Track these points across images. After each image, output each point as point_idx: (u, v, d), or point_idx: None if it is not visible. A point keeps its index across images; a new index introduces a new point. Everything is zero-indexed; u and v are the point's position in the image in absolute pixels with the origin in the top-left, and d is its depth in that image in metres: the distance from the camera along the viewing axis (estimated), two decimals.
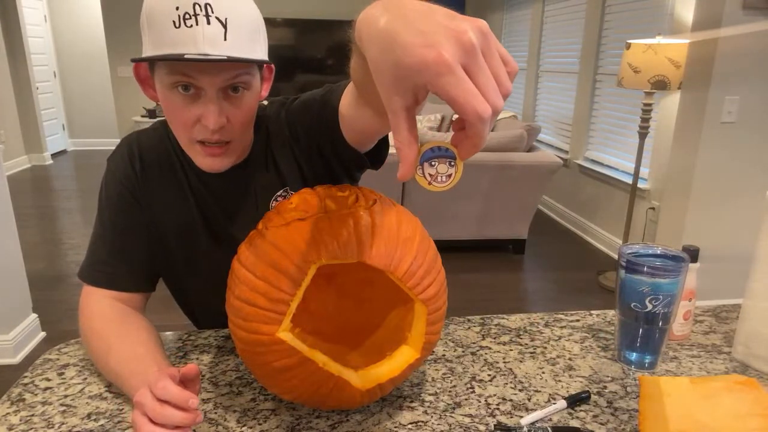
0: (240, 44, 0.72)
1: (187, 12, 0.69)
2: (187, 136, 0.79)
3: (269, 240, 0.66)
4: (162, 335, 0.94)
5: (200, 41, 0.69)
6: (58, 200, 4.99)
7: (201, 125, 0.76)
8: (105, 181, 0.91)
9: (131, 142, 0.91)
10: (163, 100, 0.78)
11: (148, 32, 0.73)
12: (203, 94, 0.75)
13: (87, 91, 7.33)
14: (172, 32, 0.70)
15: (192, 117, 0.76)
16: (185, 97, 0.75)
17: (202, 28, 0.69)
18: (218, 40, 0.70)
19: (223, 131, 0.78)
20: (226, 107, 0.76)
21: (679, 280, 0.79)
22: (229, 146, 0.80)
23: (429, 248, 0.71)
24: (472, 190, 3.44)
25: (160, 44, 0.71)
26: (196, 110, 0.76)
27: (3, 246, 2.28)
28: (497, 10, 5.90)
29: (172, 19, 0.69)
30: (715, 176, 2.55)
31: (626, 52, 2.80)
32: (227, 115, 0.77)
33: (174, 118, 0.78)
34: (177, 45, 0.70)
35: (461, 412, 0.73)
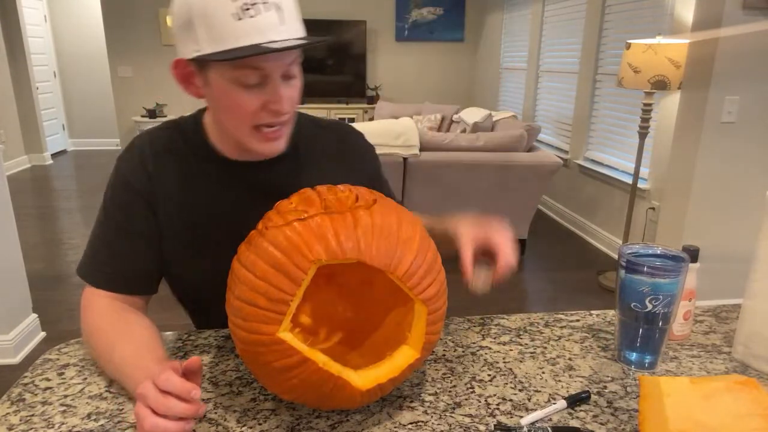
0: (293, 24, 0.75)
1: (246, 3, 0.70)
2: (249, 125, 0.80)
3: (269, 240, 0.66)
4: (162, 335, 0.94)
5: (264, 29, 0.71)
6: (58, 200, 4.99)
7: (267, 111, 0.79)
8: (112, 182, 0.89)
9: (143, 143, 0.90)
10: (220, 94, 0.78)
11: (203, 29, 0.72)
12: (268, 80, 0.77)
13: (87, 91, 7.33)
14: (233, 25, 0.71)
15: (257, 104, 0.78)
16: (249, 86, 0.76)
17: (264, 16, 0.71)
18: (278, 25, 0.72)
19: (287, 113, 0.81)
20: (287, 90, 0.79)
21: (679, 280, 0.79)
22: (284, 128, 0.84)
23: (429, 248, 0.71)
24: (472, 190, 3.44)
25: (222, 40, 0.72)
26: (261, 97, 0.78)
27: (3, 246, 2.28)
28: (497, 10, 5.91)
29: (231, 12, 0.70)
30: (715, 176, 2.55)
31: (626, 52, 2.80)
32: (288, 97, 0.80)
33: (236, 110, 0.79)
34: (242, 37, 0.71)
35: (461, 412, 0.73)
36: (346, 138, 1.01)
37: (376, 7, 6.31)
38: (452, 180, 3.39)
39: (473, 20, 6.49)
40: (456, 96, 6.71)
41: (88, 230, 4.12)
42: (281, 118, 0.80)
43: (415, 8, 6.35)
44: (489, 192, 3.47)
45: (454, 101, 6.62)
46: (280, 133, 0.83)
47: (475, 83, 6.68)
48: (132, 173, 0.87)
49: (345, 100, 6.36)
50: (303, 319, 0.78)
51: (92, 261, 0.89)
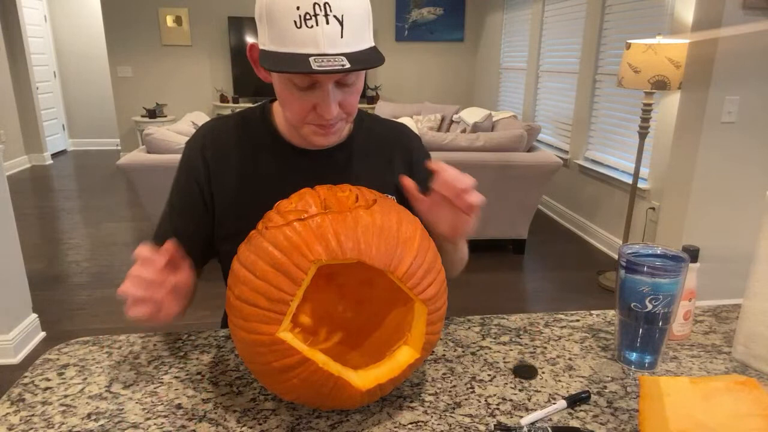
0: (354, 39, 0.75)
1: (308, 12, 0.71)
2: (301, 119, 0.84)
3: (269, 240, 0.66)
4: (162, 335, 0.94)
5: (321, 41, 0.72)
6: (58, 200, 4.99)
7: (316, 113, 0.81)
8: (179, 166, 0.97)
9: (206, 132, 0.96)
10: (278, 88, 0.83)
11: (267, 27, 0.75)
12: (319, 86, 0.79)
13: (87, 91, 7.34)
14: (293, 31, 0.72)
15: (308, 105, 0.81)
16: (301, 88, 0.79)
17: (322, 28, 0.72)
18: (336, 38, 0.73)
19: (337, 115, 0.83)
20: (339, 95, 0.81)
21: (679, 280, 0.79)
22: (339, 124, 0.86)
23: (429, 248, 0.71)
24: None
25: (281, 42, 0.74)
26: (312, 99, 0.80)
27: (3, 246, 2.28)
28: (497, 10, 5.91)
29: (293, 19, 0.72)
30: (715, 176, 2.55)
31: (626, 52, 2.80)
32: (340, 102, 0.82)
33: (290, 105, 0.83)
34: (299, 45, 0.73)
35: (461, 412, 0.73)
36: (401, 138, 1.04)
37: (376, 7, 6.31)
38: None
39: (473, 20, 6.49)
40: (456, 96, 6.71)
41: (88, 230, 4.13)
42: (330, 121, 0.83)
43: (415, 8, 6.36)
44: (489, 192, 3.47)
45: (454, 101, 6.63)
46: (334, 128, 0.86)
47: (475, 83, 6.68)
48: (193, 159, 0.94)
49: None
50: (303, 319, 0.78)
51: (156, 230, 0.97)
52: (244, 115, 0.98)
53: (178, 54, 6.25)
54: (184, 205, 0.95)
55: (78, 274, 3.32)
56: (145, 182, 3.20)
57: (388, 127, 1.04)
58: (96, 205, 4.80)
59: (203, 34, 6.20)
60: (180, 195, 0.96)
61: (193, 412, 0.73)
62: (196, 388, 0.78)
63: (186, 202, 0.95)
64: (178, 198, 0.96)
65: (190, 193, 0.94)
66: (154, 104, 6.28)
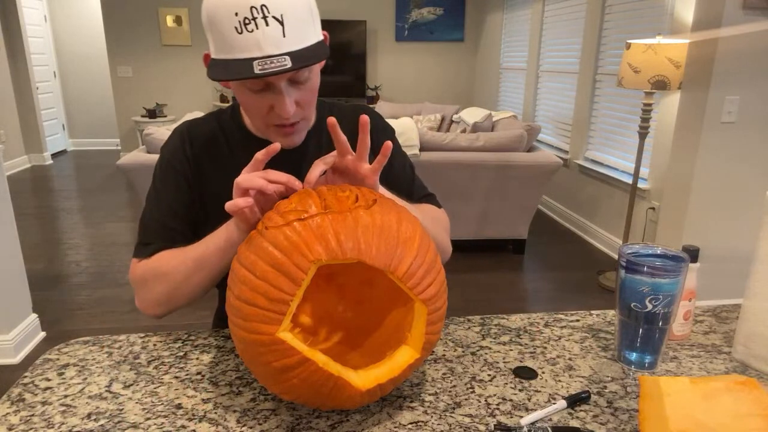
0: (298, 36, 0.76)
1: (246, 17, 0.72)
2: (263, 122, 0.86)
3: (269, 240, 0.66)
4: (161, 335, 0.94)
5: (263, 44, 0.73)
6: (58, 200, 4.99)
7: (275, 113, 0.83)
8: (158, 165, 0.97)
9: (182, 130, 0.97)
10: (235, 92, 0.84)
11: (212, 35, 0.77)
12: (272, 87, 0.80)
13: (87, 91, 7.34)
14: (235, 37, 0.73)
15: (265, 107, 0.83)
16: (256, 91, 0.81)
17: (263, 31, 0.73)
18: (278, 38, 0.73)
19: (296, 114, 0.84)
20: (295, 94, 0.82)
21: (679, 280, 0.79)
22: (299, 123, 0.88)
23: (429, 248, 0.71)
24: (472, 190, 3.44)
25: (225, 49, 0.75)
26: (268, 100, 0.82)
27: (3, 246, 2.28)
28: (497, 10, 5.91)
29: (234, 26, 0.73)
30: (715, 176, 2.55)
31: (626, 52, 2.80)
32: (297, 100, 0.83)
33: (249, 108, 0.85)
34: (242, 50, 0.74)
35: (461, 412, 0.73)
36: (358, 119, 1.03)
37: (376, 7, 6.31)
38: (452, 180, 3.39)
39: (473, 20, 6.49)
40: (456, 96, 6.71)
41: (88, 230, 4.13)
42: (289, 121, 0.84)
43: (415, 8, 6.36)
44: (489, 192, 3.47)
45: (454, 101, 6.62)
46: (296, 128, 0.87)
47: (475, 83, 6.67)
48: (173, 156, 0.95)
49: (345, 100, 6.36)
50: (303, 319, 0.78)
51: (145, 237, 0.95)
52: (216, 114, 0.99)
53: (178, 54, 6.25)
54: (176, 205, 0.94)
55: (78, 274, 3.32)
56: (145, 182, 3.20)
57: (351, 110, 1.05)
58: (96, 205, 4.80)
59: (203, 34, 6.20)
60: (169, 196, 0.94)
61: (193, 412, 0.73)
62: (196, 388, 0.78)
63: (178, 202, 0.94)
64: (167, 199, 0.94)
65: (179, 192, 0.94)
66: (154, 104, 6.28)
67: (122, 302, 2.92)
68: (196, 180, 0.95)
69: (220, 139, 0.96)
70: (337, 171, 0.81)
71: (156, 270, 0.89)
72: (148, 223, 0.95)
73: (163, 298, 0.89)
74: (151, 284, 0.89)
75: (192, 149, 0.95)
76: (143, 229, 0.95)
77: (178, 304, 0.90)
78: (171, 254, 0.89)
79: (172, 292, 0.88)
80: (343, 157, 0.79)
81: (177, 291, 0.88)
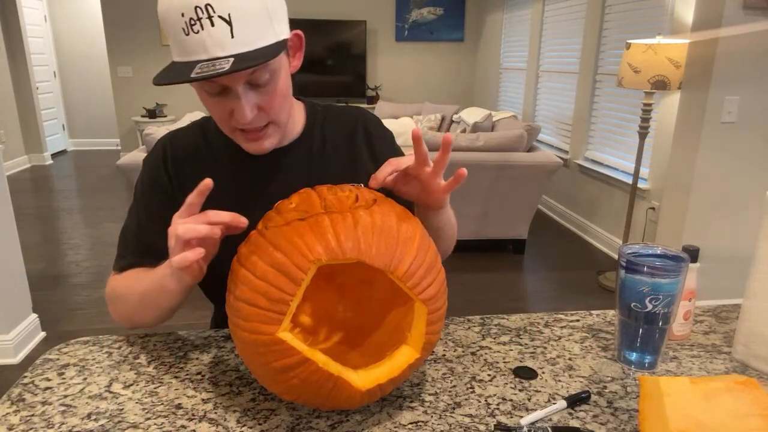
0: (248, 36, 0.71)
1: (192, 17, 0.69)
2: (227, 128, 0.83)
3: (269, 240, 0.66)
4: (161, 335, 0.94)
5: (209, 45, 0.69)
6: (58, 200, 4.99)
7: (235, 118, 0.79)
8: (140, 178, 0.95)
9: (165, 144, 0.95)
10: (199, 98, 0.81)
11: (169, 39, 0.74)
12: (228, 91, 0.77)
13: (87, 91, 7.34)
14: (183, 39, 0.71)
15: (226, 111, 0.79)
16: (214, 95, 0.78)
17: (208, 32, 0.69)
18: (225, 39, 0.69)
19: (259, 118, 0.80)
20: (254, 98, 0.78)
21: (679, 280, 0.79)
22: (268, 128, 0.84)
23: (429, 248, 0.71)
24: (472, 190, 3.44)
25: (177, 51, 0.73)
26: (228, 104, 0.78)
27: (3, 246, 2.28)
28: (497, 10, 5.91)
29: (181, 27, 0.70)
30: (715, 176, 2.55)
31: (626, 52, 2.80)
32: (258, 104, 0.79)
33: (212, 113, 0.83)
34: (189, 53, 0.71)
35: (461, 412, 0.73)
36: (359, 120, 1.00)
37: (376, 7, 6.31)
38: None
39: (473, 20, 6.49)
40: (456, 96, 6.71)
41: (88, 230, 4.13)
42: (250, 125, 0.80)
43: (415, 8, 6.35)
44: (489, 192, 3.47)
45: (454, 101, 6.62)
46: (262, 134, 0.83)
47: (475, 83, 6.67)
48: (154, 169, 0.93)
49: (345, 100, 6.36)
50: (303, 319, 0.78)
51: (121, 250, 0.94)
52: (201, 124, 0.96)
53: None
54: (152, 220, 0.91)
55: (78, 274, 3.32)
56: None
57: (345, 113, 1.01)
58: (96, 205, 4.80)
59: None
60: (147, 211, 0.93)
61: (193, 412, 0.73)
62: (196, 388, 0.78)
63: (155, 217, 0.90)
64: (146, 213, 0.93)
65: (158, 207, 0.91)
66: (154, 104, 6.28)
67: None
68: (179, 192, 0.90)
69: (204, 148, 0.93)
70: (409, 176, 0.80)
71: (116, 291, 0.91)
72: (125, 234, 0.95)
73: (124, 319, 0.91)
74: (114, 303, 0.92)
75: (174, 161, 0.92)
76: (121, 240, 0.95)
77: (141, 325, 0.91)
78: (131, 277, 0.89)
79: (129, 316, 0.90)
80: (421, 167, 0.77)
81: (133, 317, 0.89)
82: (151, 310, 0.85)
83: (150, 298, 0.83)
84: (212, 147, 0.93)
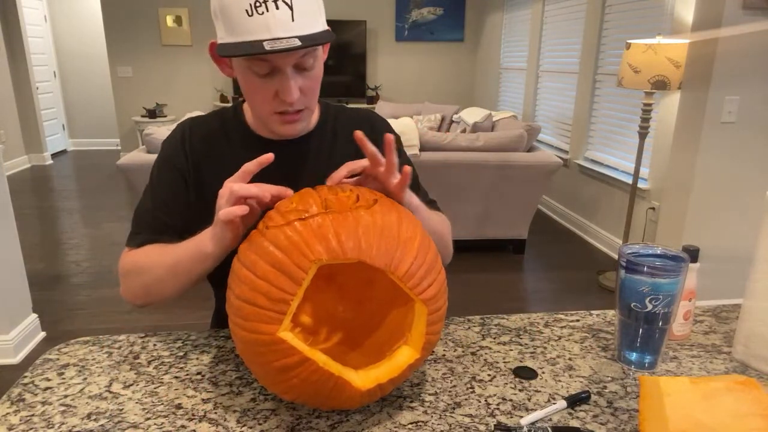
0: (306, 21, 0.78)
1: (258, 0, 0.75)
2: (267, 109, 0.87)
3: (270, 239, 0.66)
4: (161, 335, 0.94)
5: (272, 27, 0.75)
6: (58, 200, 4.99)
7: (279, 99, 0.84)
8: (157, 160, 0.98)
9: (185, 126, 0.98)
10: (241, 79, 0.86)
11: (221, 20, 0.79)
12: (278, 72, 0.82)
13: (87, 91, 7.33)
14: (245, 20, 0.76)
15: (270, 92, 0.84)
16: (262, 76, 0.82)
17: (273, 14, 0.75)
18: (287, 22, 0.76)
19: (299, 101, 0.85)
20: (300, 80, 0.84)
21: (679, 280, 0.79)
22: (303, 112, 0.89)
23: (429, 248, 0.71)
24: (472, 190, 3.44)
25: (236, 32, 0.77)
26: (274, 86, 0.83)
27: (3, 246, 2.28)
28: (497, 10, 5.91)
29: (245, 8, 0.75)
30: (715, 176, 2.55)
31: (626, 52, 2.80)
32: (301, 87, 0.84)
33: (253, 95, 0.86)
34: (252, 32, 0.76)
35: (461, 412, 0.73)
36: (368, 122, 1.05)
37: (376, 7, 6.31)
38: (452, 180, 3.39)
39: (473, 20, 6.48)
40: (456, 96, 6.70)
41: (88, 230, 4.13)
42: (293, 107, 0.85)
43: (415, 8, 6.35)
44: (489, 192, 3.47)
45: (454, 101, 6.62)
46: (299, 117, 0.88)
47: (475, 83, 6.67)
48: (173, 153, 0.96)
49: (345, 100, 6.36)
50: (303, 319, 0.78)
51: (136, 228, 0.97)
52: (220, 112, 1.01)
53: (178, 54, 6.25)
54: (169, 200, 0.95)
55: (78, 274, 3.32)
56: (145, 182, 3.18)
57: (355, 113, 1.06)
58: (96, 205, 4.80)
59: (203, 34, 6.20)
60: (164, 190, 0.96)
61: (193, 412, 0.73)
62: (196, 388, 0.78)
63: (171, 197, 0.95)
64: (162, 193, 0.96)
65: (175, 186, 0.95)
66: (154, 104, 6.28)
67: (122, 302, 2.91)
68: (195, 176, 0.95)
69: (222, 136, 0.97)
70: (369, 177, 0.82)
71: (137, 264, 0.92)
72: (140, 213, 0.98)
73: (141, 293, 0.92)
74: (132, 277, 0.92)
75: (192, 146, 0.96)
76: (136, 219, 0.98)
77: (156, 300, 0.92)
78: (153, 251, 0.91)
79: (148, 289, 0.90)
80: (374, 167, 0.80)
81: (152, 288, 0.90)
82: (180, 277, 0.86)
83: (183, 266, 0.84)
84: (229, 133, 0.97)
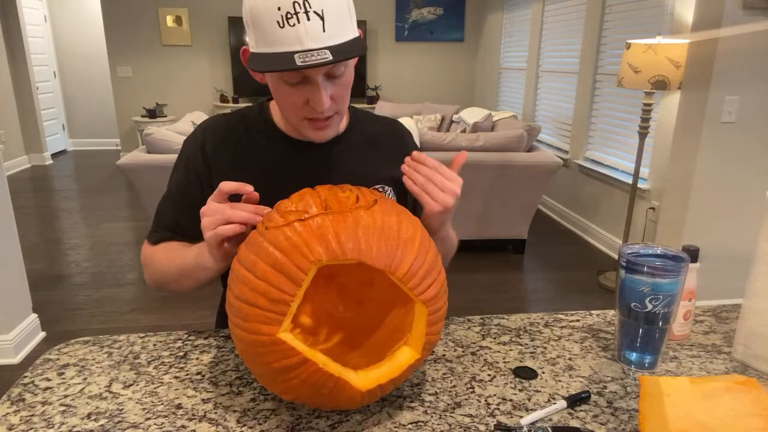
0: (337, 31, 0.78)
1: (289, 11, 0.75)
2: (297, 115, 0.88)
3: (270, 240, 0.66)
4: (161, 335, 0.94)
5: (304, 38, 0.75)
6: (58, 200, 4.99)
7: (310, 107, 0.85)
8: (177, 160, 1.00)
9: (205, 128, 0.99)
10: (272, 86, 0.86)
11: (253, 30, 0.79)
12: (309, 80, 0.82)
13: (87, 91, 7.33)
14: (277, 32, 0.76)
15: (301, 100, 0.84)
16: (293, 84, 0.83)
17: (304, 25, 0.75)
18: (318, 33, 0.76)
19: (330, 108, 0.86)
20: (330, 88, 0.84)
21: (679, 280, 0.79)
22: (333, 118, 0.90)
23: (429, 249, 0.71)
24: (472, 190, 3.44)
25: (267, 43, 0.77)
26: (304, 94, 0.83)
27: (3, 246, 2.28)
28: (497, 10, 5.90)
29: (276, 20, 0.75)
30: (715, 176, 2.55)
31: (626, 52, 2.80)
32: (332, 95, 0.85)
33: (284, 102, 0.87)
34: (283, 43, 0.76)
35: (461, 412, 0.73)
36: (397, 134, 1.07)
37: (376, 7, 6.31)
38: None
39: (473, 20, 6.48)
40: (456, 96, 6.70)
41: (88, 230, 4.13)
42: (324, 115, 0.86)
43: (415, 8, 6.35)
44: (489, 192, 3.47)
45: (454, 101, 6.62)
46: (329, 122, 0.89)
47: (475, 83, 6.67)
48: (191, 155, 0.97)
49: None
50: (303, 320, 0.78)
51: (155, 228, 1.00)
52: (243, 112, 1.01)
53: (178, 54, 6.25)
54: (185, 200, 0.97)
55: (78, 274, 3.32)
56: (145, 182, 3.20)
57: (382, 122, 1.08)
58: (96, 205, 4.80)
59: (203, 34, 6.20)
60: (181, 190, 0.98)
61: (193, 412, 0.73)
62: (196, 388, 0.78)
63: (188, 197, 0.96)
64: (179, 193, 0.98)
65: (191, 188, 0.96)
66: (154, 104, 6.28)
67: (122, 302, 2.92)
68: (214, 176, 0.95)
69: (243, 136, 0.97)
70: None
71: (152, 260, 0.98)
72: (160, 211, 1.00)
73: (157, 285, 0.99)
74: (149, 270, 0.99)
75: (212, 145, 0.96)
76: (156, 216, 1.01)
77: (174, 292, 0.98)
78: (167, 251, 0.96)
79: (163, 284, 0.97)
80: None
81: (167, 285, 0.96)
82: (189, 281, 0.90)
83: (188, 272, 0.89)
84: (252, 134, 0.97)
